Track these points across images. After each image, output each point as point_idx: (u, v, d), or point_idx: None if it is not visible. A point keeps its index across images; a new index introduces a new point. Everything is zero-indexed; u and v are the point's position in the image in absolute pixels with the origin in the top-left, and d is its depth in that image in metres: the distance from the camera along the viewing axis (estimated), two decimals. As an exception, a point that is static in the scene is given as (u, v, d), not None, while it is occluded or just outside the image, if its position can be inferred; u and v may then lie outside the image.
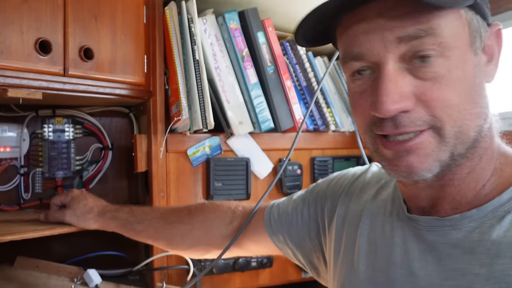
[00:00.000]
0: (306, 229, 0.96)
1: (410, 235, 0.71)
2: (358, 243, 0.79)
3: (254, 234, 1.03)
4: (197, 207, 1.13)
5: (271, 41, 1.37)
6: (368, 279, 0.75)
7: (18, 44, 0.98)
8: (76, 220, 1.13)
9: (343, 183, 0.92)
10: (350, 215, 0.85)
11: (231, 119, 1.31)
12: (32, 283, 1.13)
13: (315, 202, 0.96)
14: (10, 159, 1.35)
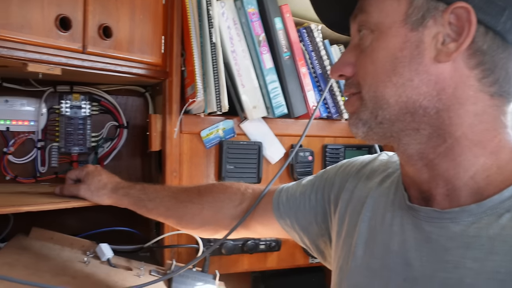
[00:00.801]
0: (313, 214, 0.97)
1: (409, 224, 0.72)
2: (359, 228, 0.80)
3: (262, 217, 1.05)
4: (206, 187, 1.15)
5: (288, 27, 1.37)
6: (365, 265, 0.76)
7: (39, 20, 1.00)
8: (90, 195, 1.16)
9: (351, 170, 0.93)
10: (353, 200, 0.86)
11: (245, 103, 1.32)
12: (46, 253, 1.17)
13: (323, 188, 0.97)
14: (27, 132, 1.38)
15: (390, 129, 0.69)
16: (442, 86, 0.65)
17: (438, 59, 0.65)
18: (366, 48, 0.70)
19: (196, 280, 1.26)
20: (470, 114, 0.65)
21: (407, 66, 0.66)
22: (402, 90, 0.66)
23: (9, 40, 0.95)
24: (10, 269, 1.02)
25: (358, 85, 0.71)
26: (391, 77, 0.67)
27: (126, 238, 1.38)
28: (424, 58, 0.65)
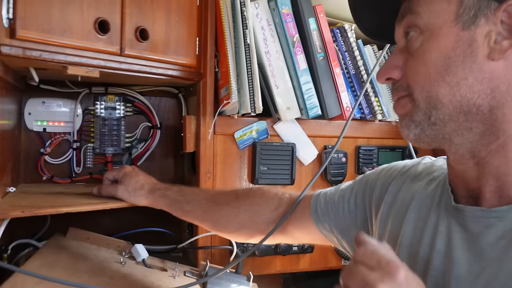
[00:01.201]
0: (353, 218, 0.97)
1: (455, 224, 0.72)
2: (404, 230, 0.80)
3: (299, 222, 1.05)
4: (244, 191, 1.15)
5: (322, 28, 1.36)
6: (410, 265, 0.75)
7: (79, 23, 1.01)
8: (128, 196, 1.17)
9: (392, 173, 0.93)
10: (398, 203, 0.86)
11: (279, 104, 1.32)
12: (84, 254, 1.18)
13: (363, 191, 0.97)
14: (63, 133, 1.40)
15: (443, 130, 0.69)
16: (496, 83, 0.65)
17: (491, 57, 0.65)
18: (416, 50, 0.70)
19: (230, 281, 1.26)
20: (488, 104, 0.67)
21: (461, 65, 0.66)
22: (457, 89, 0.67)
23: (51, 44, 0.97)
24: (49, 269, 1.04)
25: (408, 88, 0.72)
26: (445, 77, 0.67)
27: (157, 238, 1.39)
28: (478, 57, 0.66)
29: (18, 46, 0.91)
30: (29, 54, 0.94)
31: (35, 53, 0.95)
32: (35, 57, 0.95)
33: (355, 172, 1.50)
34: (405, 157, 1.55)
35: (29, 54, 0.94)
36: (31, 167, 1.39)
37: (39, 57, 0.95)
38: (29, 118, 1.35)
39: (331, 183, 1.45)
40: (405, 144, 1.53)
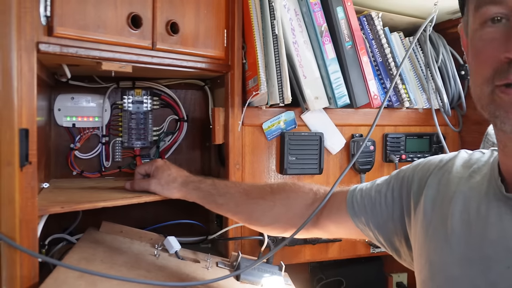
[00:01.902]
0: (390, 212, 0.97)
1: (508, 214, 0.72)
2: (450, 223, 0.80)
3: (336, 216, 1.05)
4: (279, 185, 1.15)
5: (349, 16, 1.36)
6: (462, 256, 0.75)
7: (112, 19, 1.01)
8: (161, 189, 1.18)
9: (430, 167, 0.93)
10: (440, 196, 0.85)
11: (307, 94, 1.32)
12: (118, 247, 1.19)
13: (400, 186, 0.96)
14: (92, 128, 1.41)
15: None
16: None
17: None
18: None
19: (262, 271, 1.27)
20: None
21: None
22: None
23: (86, 41, 0.97)
24: (88, 263, 1.05)
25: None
26: None
27: (184, 231, 1.40)
28: None
29: (55, 44, 0.92)
30: (65, 51, 0.94)
31: (71, 50, 0.95)
32: (71, 54, 0.95)
33: (382, 160, 1.50)
34: (432, 144, 1.54)
35: (66, 51, 0.94)
36: (61, 163, 1.41)
37: (75, 54, 0.96)
38: (58, 114, 1.37)
39: (359, 171, 1.45)
40: (432, 131, 1.52)
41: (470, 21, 0.73)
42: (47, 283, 0.88)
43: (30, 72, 0.85)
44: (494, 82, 0.67)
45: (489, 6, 0.67)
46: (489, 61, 0.67)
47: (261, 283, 1.22)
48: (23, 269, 0.85)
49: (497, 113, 0.68)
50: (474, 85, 0.74)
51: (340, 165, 1.44)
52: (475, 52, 0.71)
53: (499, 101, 0.67)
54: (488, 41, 0.68)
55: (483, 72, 0.69)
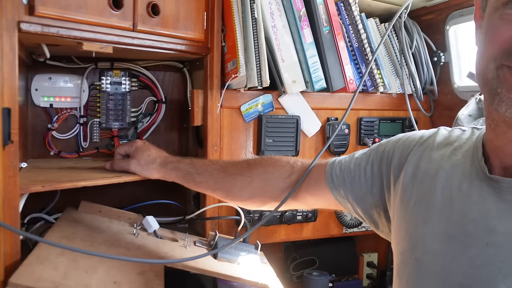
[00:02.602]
0: (369, 185, 1.00)
1: (490, 194, 0.75)
2: (432, 198, 0.83)
3: (314, 188, 1.08)
4: (256, 160, 1.18)
5: (327, 2, 1.39)
6: (443, 232, 0.79)
7: None
8: (140, 169, 1.20)
9: (410, 143, 0.96)
10: (420, 172, 0.89)
11: (285, 78, 1.34)
12: (98, 226, 1.21)
13: (380, 160, 0.99)
14: (70, 109, 1.41)
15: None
16: None
17: None
18: None
19: (239, 250, 1.30)
20: None
21: None
22: None
23: (67, 20, 0.97)
24: (69, 241, 1.06)
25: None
26: None
27: (161, 211, 1.42)
28: None
29: (37, 23, 0.92)
30: (47, 31, 0.94)
31: (53, 29, 0.95)
32: (52, 33, 0.95)
33: (356, 143, 1.54)
34: (404, 128, 1.59)
35: (47, 31, 0.94)
36: (39, 143, 1.41)
37: (56, 34, 0.96)
38: (36, 94, 1.36)
39: (333, 153, 1.49)
40: (405, 116, 1.57)
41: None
42: (30, 260, 0.90)
43: (11, 52, 0.85)
44: (502, 60, 0.70)
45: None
46: (503, 40, 0.70)
47: (238, 261, 1.26)
48: (6, 246, 0.86)
49: (498, 90, 0.70)
50: (482, 59, 0.75)
51: (316, 147, 1.48)
52: (490, 29, 0.73)
53: (503, 78, 0.70)
54: (506, 22, 0.70)
55: (493, 49, 0.71)
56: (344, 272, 1.74)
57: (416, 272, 0.81)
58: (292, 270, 1.67)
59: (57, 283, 0.86)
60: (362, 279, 1.76)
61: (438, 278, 0.77)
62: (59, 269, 0.92)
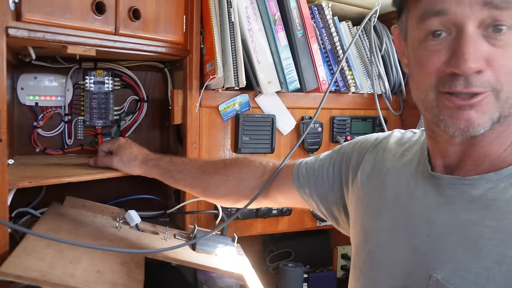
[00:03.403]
0: (331, 184, 1.08)
1: (431, 190, 0.83)
2: (383, 195, 0.91)
3: (283, 187, 1.16)
4: (232, 160, 1.26)
5: (301, 6, 1.46)
6: (390, 225, 0.87)
7: (78, 5, 1.07)
8: (122, 166, 1.26)
9: (366, 145, 1.04)
10: (375, 170, 0.97)
11: (261, 79, 1.41)
12: (82, 220, 1.27)
13: (341, 161, 1.08)
14: (55, 107, 1.47)
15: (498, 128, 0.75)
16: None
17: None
18: (508, 45, 0.69)
19: (217, 242, 1.37)
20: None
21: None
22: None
23: (53, 25, 1.03)
24: (55, 234, 1.12)
25: (495, 83, 0.70)
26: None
27: (144, 205, 1.49)
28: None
29: (23, 28, 0.98)
30: (33, 36, 1.00)
31: (39, 34, 1.01)
32: (38, 38, 1.01)
33: (329, 141, 1.62)
34: (375, 126, 1.67)
35: (33, 36, 1.00)
36: (24, 140, 1.46)
37: (42, 38, 1.02)
38: (21, 92, 1.41)
39: (307, 151, 1.57)
40: (375, 115, 1.65)
41: (412, 29, 0.78)
42: (18, 251, 0.96)
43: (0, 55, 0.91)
44: (438, 88, 0.74)
45: (433, 18, 0.72)
46: (434, 71, 0.73)
47: (215, 252, 1.33)
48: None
49: (441, 117, 0.75)
50: (417, 90, 0.79)
51: (291, 145, 1.55)
52: (419, 61, 0.77)
53: (443, 106, 0.74)
54: (432, 53, 0.73)
55: (427, 80, 0.75)
56: (319, 264, 1.82)
57: (368, 262, 0.89)
58: (269, 262, 1.75)
59: (43, 272, 0.92)
60: (336, 270, 1.84)
61: (386, 267, 0.85)
62: (46, 259, 0.98)
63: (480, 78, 0.70)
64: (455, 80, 0.71)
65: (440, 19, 0.71)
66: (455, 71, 0.70)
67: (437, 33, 0.72)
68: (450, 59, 0.71)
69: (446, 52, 0.72)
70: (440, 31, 0.72)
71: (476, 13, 0.69)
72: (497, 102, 0.71)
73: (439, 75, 0.73)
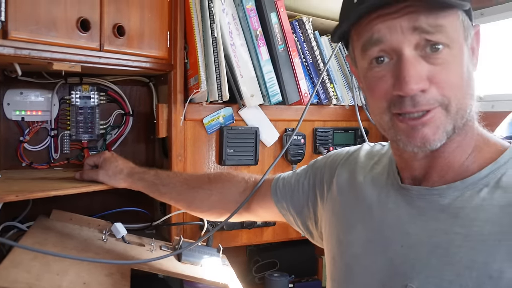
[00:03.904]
0: (306, 198, 1.12)
1: (402, 202, 0.86)
2: (356, 208, 0.94)
3: (262, 201, 1.20)
4: (215, 175, 1.29)
5: (282, 21, 1.50)
6: (365, 238, 0.90)
7: (63, 23, 1.10)
8: (108, 179, 1.29)
9: (338, 158, 1.08)
10: (347, 185, 1.00)
11: (244, 92, 1.45)
12: (68, 233, 1.29)
13: (315, 175, 1.11)
14: (41, 122, 1.49)
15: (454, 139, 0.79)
16: None
17: (474, 69, 0.80)
18: (446, 62, 0.74)
19: (202, 253, 1.40)
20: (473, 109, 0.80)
21: (472, 79, 0.79)
22: (471, 101, 0.78)
23: (38, 43, 1.06)
24: (41, 247, 1.14)
25: (442, 98, 0.75)
26: (468, 89, 0.77)
27: (131, 218, 1.51)
28: (472, 71, 0.79)
29: (10, 46, 1.00)
30: (19, 53, 1.03)
31: (25, 51, 1.04)
32: (24, 55, 1.04)
33: (312, 152, 1.65)
34: (357, 137, 1.71)
35: (20, 53, 1.03)
36: (11, 154, 1.47)
37: (28, 55, 1.05)
38: (8, 108, 1.43)
39: (291, 162, 1.60)
40: (357, 126, 1.69)
41: (359, 59, 0.83)
42: (5, 264, 0.98)
43: (-13, 73, 0.94)
44: (391, 110, 0.79)
45: (373, 47, 0.77)
46: (383, 96, 0.78)
47: (200, 263, 1.35)
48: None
49: (398, 137, 0.79)
50: (373, 114, 0.85)
51: (274, 156, 1.58)
52: (369, 87, 0.81)
53: (398, 127, 0.79)
54: (378, 79, 0.78)
55: (379, 104, 0.80)
56: (305, 273, 1.84)
57: (344, 274, 0.92)
58: (255, 272, 1.77)
59: (30, 284, 0.94)
60: (322, 279, 1.86)
61: (362, 279, 0.87)
62: (32, 272, 1.00)
63: (425, 96, 0.74)
64: (403, 102, 0.75)
65: (379, 47, 0.77)
66: (400, 93, 0.75)
67: (380, 60, 0.78)
68: (395, 83, 0.76)
69: (391, 76, 0.77)
70: (382, 57, 0.77)
71: (409, 38, 0.74)
72: (448, 115, 0.76)
73: (389, 98, 0.78)
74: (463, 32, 0.77)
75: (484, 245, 0.73)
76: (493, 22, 1.59)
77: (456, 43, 0.76)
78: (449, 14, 0.75)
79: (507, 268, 0.70)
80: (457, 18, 0.77)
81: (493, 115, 1.43)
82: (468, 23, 0.79)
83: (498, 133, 1.19)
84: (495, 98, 1.58)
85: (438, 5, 0.74)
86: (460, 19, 0.77)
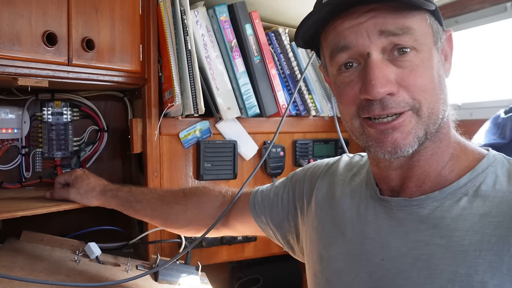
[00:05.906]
0: (285, 212, 1.09)
1: (382, 213, 0.84)
2: (336, 221, 0.92)
3: (241, 216, 1.16)
4: (191, 190, 1.25)
5: (257, 33, 1.47)
6: (346, 252, 0.87)
7: (28, 37, 1.06)
8: (80, 198, 1.24)
9: (317, 170, 1.05)
10: (327, 198, 0.97)
11: (220, 105, 1.42)
12: (39, 255, 1.24)
13: (294, 188, 1.08)
14: (11, 140, 1.44)
15: (425, 145, 0.78)
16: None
17: (446, 74, 0.79)
18: (415, 65, 0.74)
19: (180, 272, 1.35)
20: (446, 115, 0.79)
21: (443, 84, 0.78)
22: (443, 106, 0.77)
23: (1, 58, 1.02)
24: (7, 271, 1.09)
25: (413, 102, 0.74)
26: (440, 94, 0.76)
27: (107, 236, 1.46)
28: (444, 77, 0.79)
29: (-30, 61, 0.96)
30: (-19, 68, 0.99)
31: (-14, 66, 1.00)
32: (-14, 70, 1.00)
33: (292, 164, 1.62)
34: (337, 149, 1.68)
35: (-19, 68, 0.99)
36: (-21, 174, 1.43)
37: (-10, 70, 1.01)
38: (-24, 126, 1.38)
39: (270, 175, 1.57)
40: (337, 137, 1.66)
41: (328, 66, 0.83)
42: (-35, 290, 0.93)
43: None
44: (360, 115, 0.78)
45: (340, 54, 0.77)
46: (352, 100, 0.78)
47: (178, 282, 1.30)
48: None
49: (369, 143, 0.78)
50: (344, 120, 0.84)
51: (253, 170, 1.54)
52: (339, 93, 0.81)
53: (368, 133, 0.78)
54: (346, 84, 0.78)
55: (348, 109, 0.79)
56: (288, 289, 1.81)
57: None
58: (237, 289, 1.73)
59: (-8, 311, 0.89)
60: (306, 295, 1.83)
61: None
62: (-4, 298, 0.95)
63: (394, 99, 0.74)
64: (371, 105, 0.75)
65: (347, 53, 0.77)
66: (367, 97, 0.74)
67: (348, 65, 0.78)
68: (362, 87, 0.75)
69: (359, 81, 0.76)
70: (350, 62, 0.77)
71: (375, 42, 0.74)
72: (419, 120, 0.74)
73: (357, 103, 0.77)
74: (432, 35, 0.77)
75: (465, 256, 0.71)
76: (468, 29, 1.59)
77: (424, 46, 0.75)
78: (415, 16, 0.75)
79: (489, 279, 0.68)
80: (424, 21, 0.76)
81: (472, 123, 1.41)
82: (437, 27, 0.78)
83: (475, 141, 1.18)
84: (473, 106, 1.57)
85: (403, 6, 0.73)
86: (428, 22, 0.77)
